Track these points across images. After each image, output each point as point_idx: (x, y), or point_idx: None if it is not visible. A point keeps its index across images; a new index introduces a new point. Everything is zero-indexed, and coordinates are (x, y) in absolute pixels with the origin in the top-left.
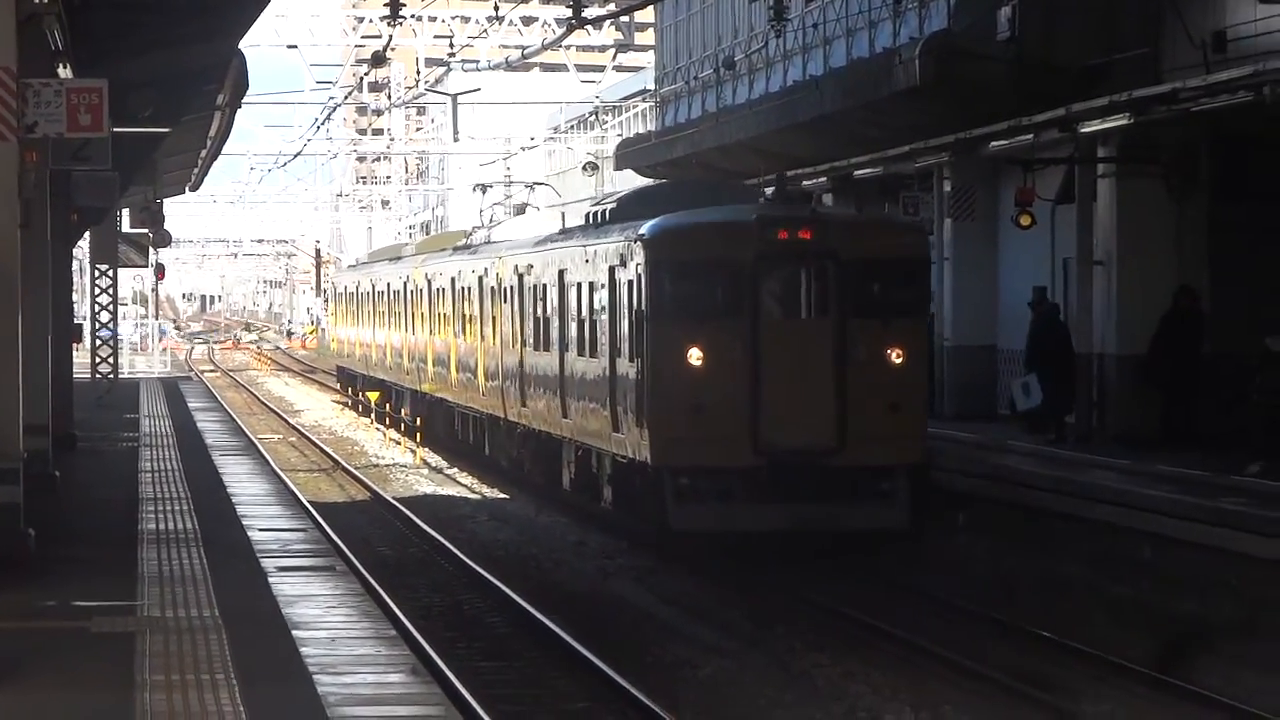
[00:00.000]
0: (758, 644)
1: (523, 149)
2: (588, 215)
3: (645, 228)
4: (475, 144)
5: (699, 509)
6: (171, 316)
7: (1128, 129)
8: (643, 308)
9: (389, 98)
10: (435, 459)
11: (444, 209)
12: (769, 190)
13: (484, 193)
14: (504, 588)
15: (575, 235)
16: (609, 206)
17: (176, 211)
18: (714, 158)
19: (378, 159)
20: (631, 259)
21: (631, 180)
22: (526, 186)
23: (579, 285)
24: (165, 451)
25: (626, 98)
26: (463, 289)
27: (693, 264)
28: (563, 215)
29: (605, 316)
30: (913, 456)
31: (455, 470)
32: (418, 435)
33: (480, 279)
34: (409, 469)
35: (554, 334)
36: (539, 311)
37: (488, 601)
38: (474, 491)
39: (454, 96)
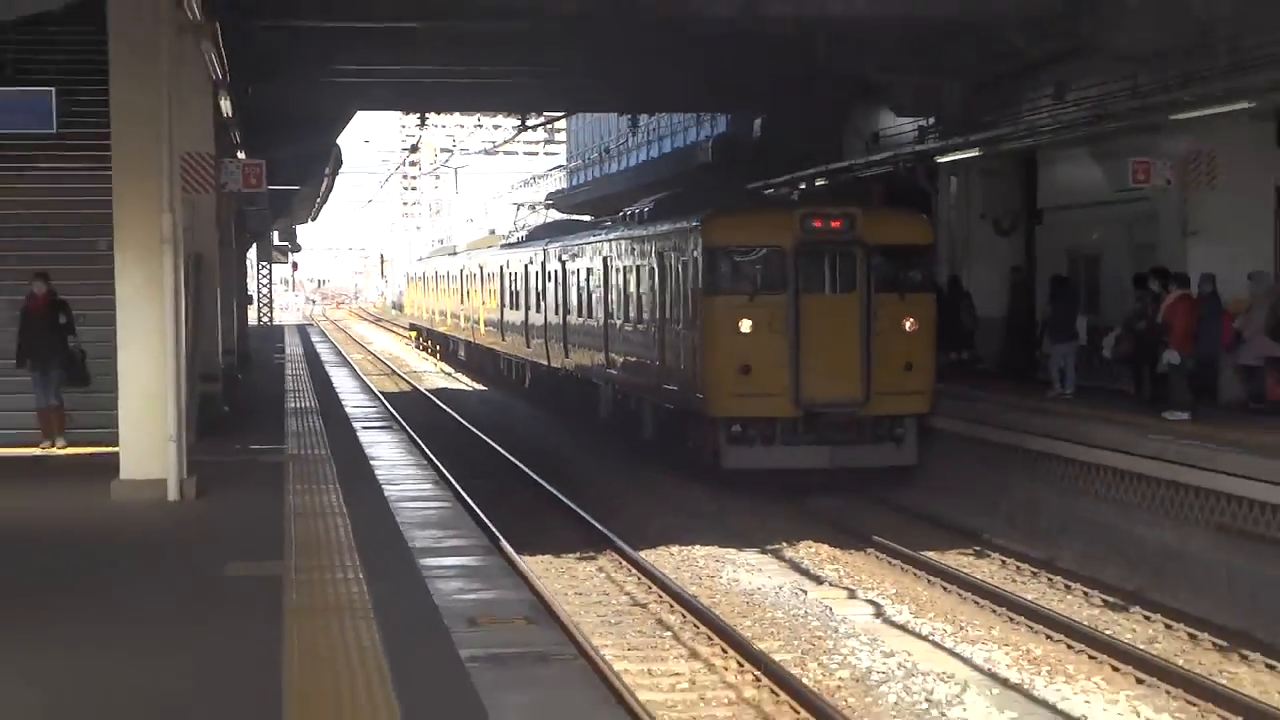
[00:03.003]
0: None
1: (494, 198)
2: (625, 214)
3: (701, 218)
4: (467, 196)
5: (747, 450)
6: (305, 293)
7: (828, 187)
8: (699, 285)
9: (419, 168)
10: (448, 368)
11: (449, 231)
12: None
13: (517, 210)
14: (486, 438)
15: (617, 229)
16: (647, 207)
17: (303, 231)
18: (599, 205)
19: (414, 203)
20: (689, 244)
21: (553, 217)
22: (543, 206)
23: (622, 269)
24: (298, 366)
25: (551, 169)
26: (511, 273)
27: (743, 248)
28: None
29: (655, 293)
30: (923, 408)
31: (460, 374)
32: (437, 353)
33: (526, 265)
34: (434, 373)
35: (596, 305)
36: (583, 286)
37: (477, 446)
38: (470, 386)
39: (456, 169)
